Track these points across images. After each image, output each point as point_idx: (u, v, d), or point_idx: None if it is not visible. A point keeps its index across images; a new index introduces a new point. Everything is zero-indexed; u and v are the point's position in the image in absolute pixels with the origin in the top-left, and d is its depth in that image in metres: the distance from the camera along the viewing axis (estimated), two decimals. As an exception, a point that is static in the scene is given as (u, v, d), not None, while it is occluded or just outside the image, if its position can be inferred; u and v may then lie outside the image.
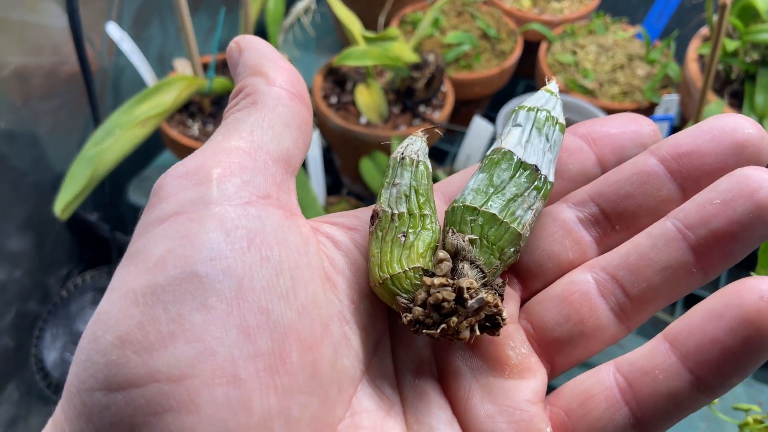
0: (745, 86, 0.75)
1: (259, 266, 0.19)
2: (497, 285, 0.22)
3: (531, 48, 0.91)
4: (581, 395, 0.22)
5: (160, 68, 0.87)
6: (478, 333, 0.21)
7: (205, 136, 0.74)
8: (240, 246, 0.19)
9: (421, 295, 0.21)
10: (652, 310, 0.23)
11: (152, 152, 0.87)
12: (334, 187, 0.86)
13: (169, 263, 0.18)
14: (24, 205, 0.74)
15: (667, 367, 0.20)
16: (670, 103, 0.71)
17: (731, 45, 0.74)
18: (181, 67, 0.77)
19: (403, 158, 0.24)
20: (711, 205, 0.21)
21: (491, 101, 0.94)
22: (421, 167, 0.23)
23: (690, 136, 0.22)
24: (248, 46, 0.24)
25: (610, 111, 0.80)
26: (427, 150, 0.24)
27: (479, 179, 0.23)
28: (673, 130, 0.73)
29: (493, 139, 0.75)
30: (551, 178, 0.24)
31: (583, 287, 0.23)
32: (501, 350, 0.23)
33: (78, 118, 0.78)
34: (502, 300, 0.22)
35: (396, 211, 0.22)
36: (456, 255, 0.22)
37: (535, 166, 0.23)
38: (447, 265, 0.22)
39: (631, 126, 0.24)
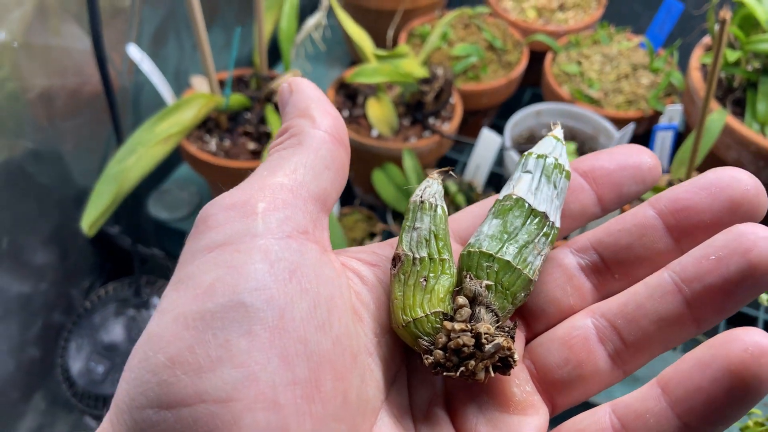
0: (747, 94, 0.77)
1: (299, 297, 0.20)
2: (509, 327, 0.24)
3: (537, 58, 0.93)
4: None
5: (176, 85, 0.90)
6: (492, 375, 0.23)
7: (222, 151, 0.76)
8: (282, 277, 0.20)
9: (442, 338, 0.23)
10: (648, 357, 0.24)
11: (170, 166, 0.90)
12: (347, 197, 0.88)
13: (218, 291, 0.20)
14: (49, 219, 0.77)
15: (657, 412, 0.21)
16: (673, 112, 0.73)
17: (733, 55, 0.76)
18: (198, 84, 0.79)
19: (422, 202, 0.25)
20: (707, 261, 0.22)
21: (498, 111, 0.96)
22: (440, 211, 0.25)
23: (688, 191, 0.24)
24: (299, 88, 0.26)
25: (615, 120, 0.82)
26: (443, 192, 0.26)
27: (493, 225, 0.25)
28: (678, 137, 0.75)
29: (501, 150, 0.77)
30: (558, 224, 0.25)
31: (583, 332, 0.24)
32: (507, 387, 0.24)
33: (100, 135, 0.80)
34: (513, 341, 0.23)
35: (417, 256, 0.24)
36: (473, 300, 0.24)
37: (545, 213, 0.25)
38: (467, 311, 0.23)
39: (631, 161, 0.26)
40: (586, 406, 0.24)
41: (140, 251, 0.84)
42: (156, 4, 0.83)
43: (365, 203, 0.86)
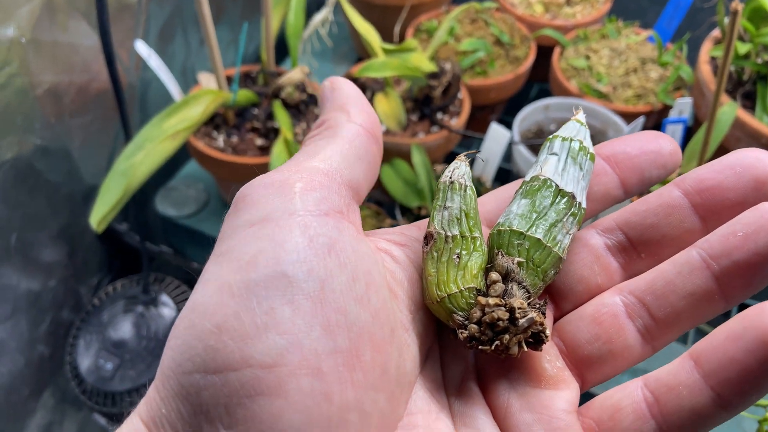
0: (757, 87, 0.76)
1: (338, 271, 0.21)
2: (540, 304, 0.24)
3: (544, 53, 0.93)
4: (611, 408, 0.23)
5: (183, 82, 0.90)
6: (525, 349, 0.23)
7: (230, 147, 0.76)
8: (321, 251, 0.21)
9: (477, 313, 0.23)
10: (677, 332, 0.24)
11: (177, 164, 0.90)
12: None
13: (260, 262, 0.20)
14: (58, 216, 0.77)
15: (690, 384, 0.22)
16: (683, 105, 0.73)
17: (743, 48, 0.75)
18: (205, 80, 0.79)
19: (452, 182, 0.26)
20: (734, 237, 0.22)
21: (506, 106, 0.96)
22: (469, 191, 0.26)
23: (713, 171, 0.24)
24: (338, 86, 0.27)
25: (624, 114, 0.81)
26: (470, 173, 0.26)
27: (522, 205, 0.25)
28: (687, 131, 0.74)
29: (509, 144, 0.77)
30: (584, 205, 0.26)
31: (613, 309, 0.25)
32: (538, 363, 0.25)
33: (108, 132, 0.80)
34: (544, 318, 0.24)
35: (449, 234, 0.25)
36: (506, 276, 0.24)
37: (572, 194, 0.25)
38: (500, 287, 0.24)
39: (651, 146, 0.26)
40: (614, 383, 0.24)
41: (148, 248, 0.84)
42: (163, 1, 0.83)
43: (373, 199, 0.86)
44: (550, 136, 0.27)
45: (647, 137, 0.26)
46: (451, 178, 0.26)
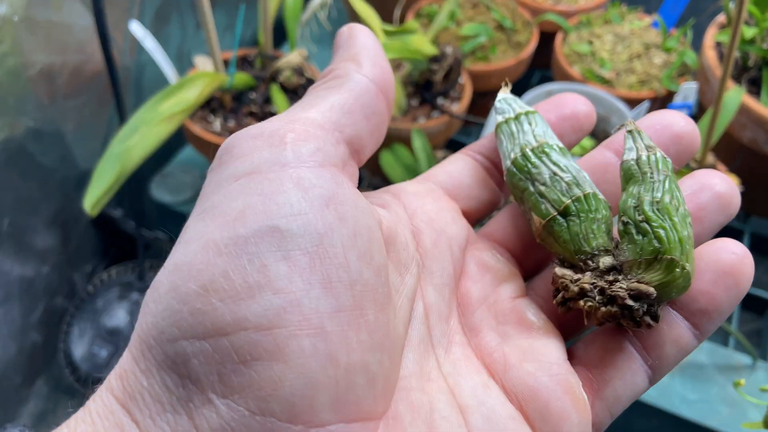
0: (763, 73, 0.75)
1: (338, 224, 0.19)
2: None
3: (547, 39, 0.91)
4: (598, 350, 0.24)
5: (179, 65, 0.88)
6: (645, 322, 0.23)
7: (226, 131, 0.75)
8: (318, 204, 0.19)
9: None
10: None
11: (173, 149, 0.89)
12: (353, 180, 0.86)
13: (249, 217, 0.19)
14: (51, 201, 0.75)
15: (669, 318, 0.23)
16: (688, 91, 0.71)
17: (749, 32, 0.74)
18: (202, 63, 0.78)
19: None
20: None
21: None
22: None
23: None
24: (355, 33, 0.25)
25: (627, 100, 0.80)
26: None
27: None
28: (692, 118, 0.73)
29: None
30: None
31: None
32: (524, 317, 0.24)
33: (102, 115, 0.79)
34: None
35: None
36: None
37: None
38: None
39: (568, 111, 0.28)
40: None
41: (143, 235, 0.83)
42: (158, -18, 0.81)
43: (372, 185, 0.85)
44: (500, 124, 0.27)
45: (562, 102, 0.27)
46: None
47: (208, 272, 0.18)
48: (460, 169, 0.28)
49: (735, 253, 0.23)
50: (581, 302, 0.23)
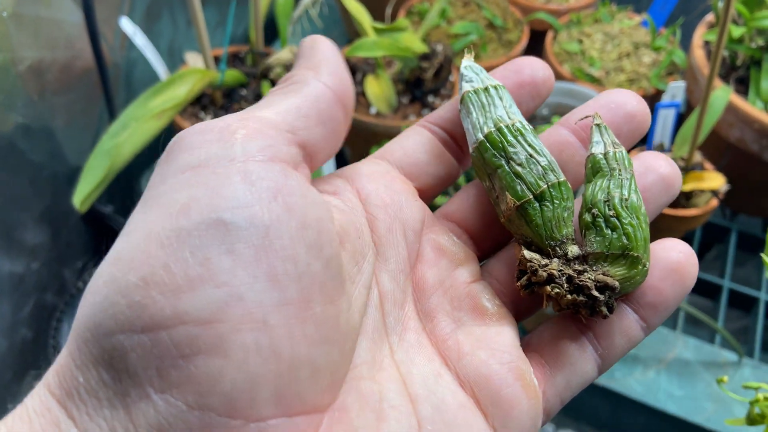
0: (750, 72, 0.76)
1: (286, 216, 0.19)
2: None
3: (537, 37, 0.92)
4: (551, 338, 0.25)
5: (170, 61, 0.88)
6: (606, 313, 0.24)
7: (217, 128, 0.75)
8: (266, 196, 0.19)
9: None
10: None
11: (165, 145, 0.88)
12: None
13: (193, 209, 0.18)
14: (41, 198, 0.75)
15: (619, 310, 0.25)
16: (676, 89, 0.72)
17: (737, 31, 0.75)
18: (192, 60, 0.78)
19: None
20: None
21: (498, 90, 0.95)
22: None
23: (591, 109, 0.27)
24: (317, 45, 0.25)
25: (616, 98, 0.80)
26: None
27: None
28: (680, 116, 0.74)
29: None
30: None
31: None
32: (479, 303, 0.25)
33: (92, 111, 0.79)
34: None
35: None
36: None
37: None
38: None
39: (527, 77, 0.27)
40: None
41: (134, 231, 0.82)
42: (149, -21, 0.81)
43: (363, 183, 0.85)
44: (465, 94, 0.27)
45: (519, 67, 0.27)
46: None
47: (148, 264, 0.17)
48: (416, 144, 0.28)
49: (682, 252, 0.24)
50: (548, 288, 0.23)
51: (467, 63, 0.28)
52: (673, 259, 0.24)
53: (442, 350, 0.24)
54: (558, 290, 0.23)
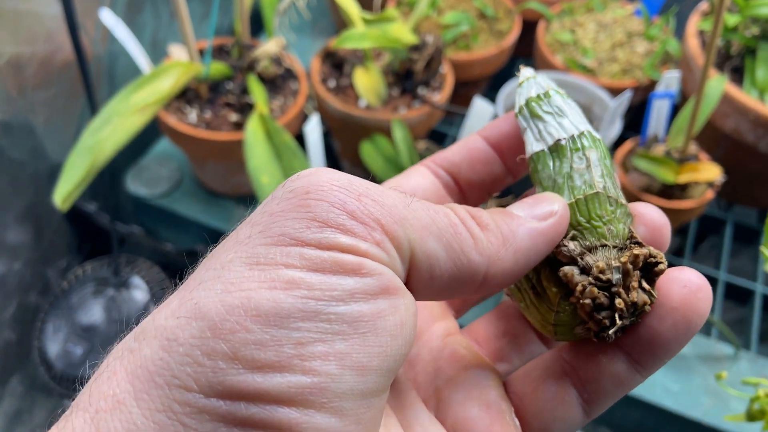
0: (745, 61, 0.75)
1: (390, 313, 0.19)
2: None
3: (529, 27, 0.90)
4: (533, 381, 0.24)
5: (153, 54, 0.86)
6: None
7: (202, 122, 0.73)
8: (373, 292, 0.19)
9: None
10: None
11: (148, 141, 0.87)
12: (333, 171, 0.85)
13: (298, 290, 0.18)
14: (22, 196, 0.73)
15: (608, 351, 0.22)
16: (671, 79, 0.71)
17: (732, 20, 0.74)
18: (176, 52, 0.76)
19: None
20: None
21: (490, 82, 0.94)
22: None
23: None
24: None
25: (610, 89, 0.79)
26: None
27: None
28: (674, 107, 0.73)
29: (493, 120, 0.75)
30: (594, 133, 0.26)
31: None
32: (457, 351, 0.25)
33: (73, 107, 0.77)
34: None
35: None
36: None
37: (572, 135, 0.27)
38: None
39: None
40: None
41: (119, 229, 0.81)
42: (131, -31, 0.79)
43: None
44: (524, 105, 0.26)
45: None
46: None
47: (241, 336, 0.17)
48: (417, 185, 0.27)
49: (687, 287, 0.21)
50: (604, 314, 0.22)
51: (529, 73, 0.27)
52: (676, 295, 0.21)
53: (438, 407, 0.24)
54: (622, 322, 0.21)
